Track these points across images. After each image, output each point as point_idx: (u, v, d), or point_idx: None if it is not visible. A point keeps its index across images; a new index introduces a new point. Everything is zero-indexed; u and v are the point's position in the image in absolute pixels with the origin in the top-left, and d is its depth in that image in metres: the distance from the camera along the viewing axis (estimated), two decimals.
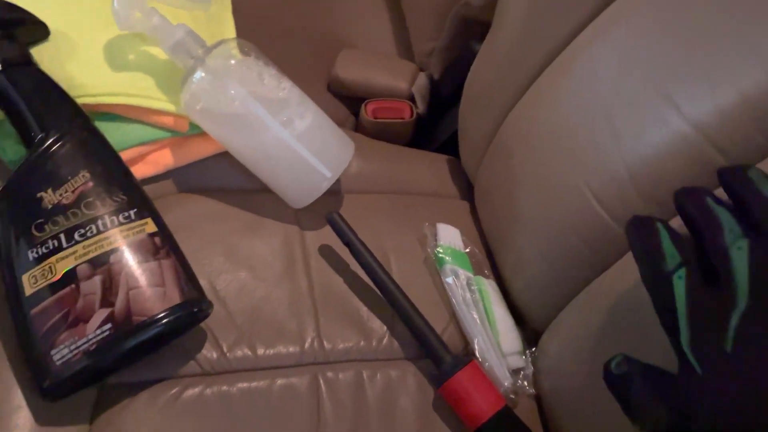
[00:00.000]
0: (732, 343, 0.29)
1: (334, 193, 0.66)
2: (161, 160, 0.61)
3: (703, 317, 0.30)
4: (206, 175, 0.63)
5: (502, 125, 0.60)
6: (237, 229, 0.61)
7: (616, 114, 0.47)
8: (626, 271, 0.46)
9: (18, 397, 0.46)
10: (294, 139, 0.58)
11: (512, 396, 0.55)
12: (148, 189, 0.60)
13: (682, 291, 0.31)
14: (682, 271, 0.31)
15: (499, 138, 0.61)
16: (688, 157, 0.43)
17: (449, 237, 0.63)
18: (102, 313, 0.46)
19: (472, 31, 0.70)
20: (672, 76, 0.44)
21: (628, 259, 0.45)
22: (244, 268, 0.58)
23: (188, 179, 0.63)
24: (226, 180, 0.64)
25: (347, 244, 0.57)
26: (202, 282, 0.55)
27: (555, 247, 0.53)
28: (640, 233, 0.33)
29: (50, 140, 0.50)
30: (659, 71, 0.45)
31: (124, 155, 0.58)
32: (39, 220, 0.47)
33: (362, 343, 0.56)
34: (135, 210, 0.50)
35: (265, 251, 0.60)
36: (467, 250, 0.63)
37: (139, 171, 0.59)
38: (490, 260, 0.64)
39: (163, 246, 0.50)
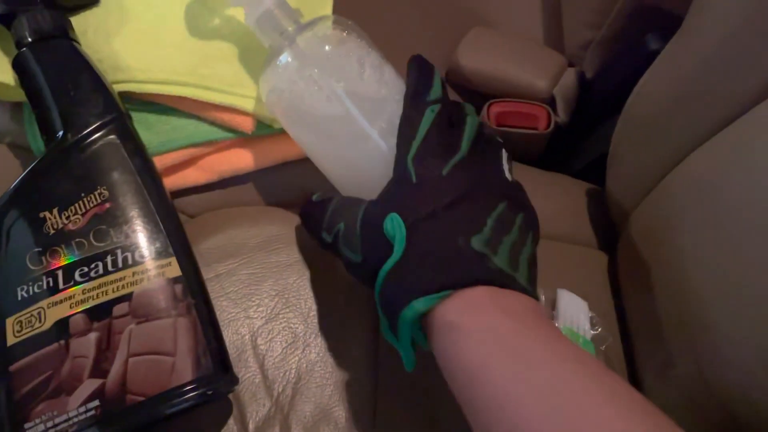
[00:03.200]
0: (448, 170, 0.34)
1: None
2: (217, 165, 0.49)
3: (434, 145, 0.35)
4: (270, 186, 0.51)
5: (685, 161, 0.41)
6: (299, 262, 0.48)
7: None
8: None
9: None
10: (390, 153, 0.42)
11: None
12: (195, 200, 0.50)
13: (429, 120, 0.36)
14: (436, 107, 0.36)
15: (678, 178, 0.42)
16: None
17: (571, 312, 0.46)
18: (90, 385, 0.35)
19: (649, 21, 0.50)
20: None
21: None
22: (298, 317, 0.46)
23: (247, 191, 0.51)
24: (292, 194, 0.51)
25: None
26: (242, 330, 0.44)
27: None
28: (420, 66, 0.39)
29: (69, 143, 0.40)
30: None
31: (171, 157, 0.47)
32: (36, 249, 0.38)
33: None
34: (157, 245, 0.39)
35: (327, 297, 0.47)
36: (595, 331, 0.46)
37: (189, 177, 0.48)
38: (628, 353, 0.46)
39: (185, 298, 0.39)
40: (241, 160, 0.49)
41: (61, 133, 0.40)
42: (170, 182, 0.48)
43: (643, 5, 0.49)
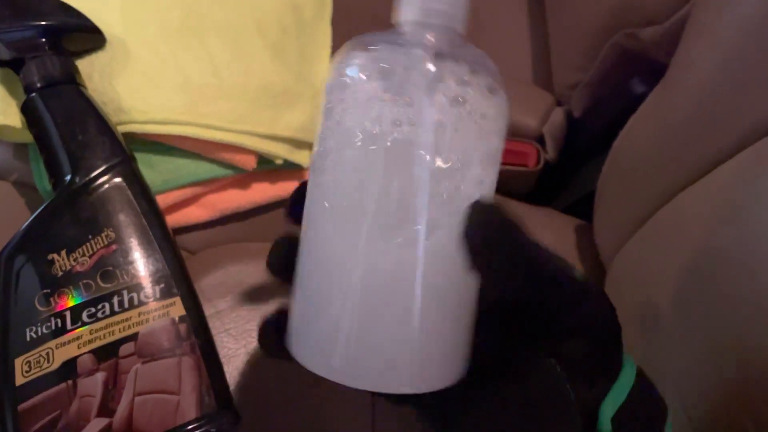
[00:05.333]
0: None
1: None
2: (218, 203, 0.50)
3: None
4: (270, 223, 0.53)
5: (671, 203, 0.43)
6: None
7: None
8: None
9: None
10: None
11: None
12: (197, 237, 0.51)
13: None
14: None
15: (662, 220, 0.44)
16: None
17: None
18: (98, 424, 0.36)
19: (634, 66, 0.52)
20: None
21: None
22: None
23: (248, 227, 0.52)
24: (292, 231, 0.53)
25: None
26: (241, 367, 0.45)
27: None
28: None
29: (77, 186, 0.41)
30: None
31: (174, 195, 0.49)
32: (45, 291, 0.39)
33: None
34: (162, 286, 0.40)
35: None
36: None
37: (191, 215, 0.50)
38: None
39: (188, 337, 0.40)
40: (241, 197, 0.51)
41: (69, 176, 0.41)
42: (173, 220, 0.49)
43: (627, 52, 0.51)
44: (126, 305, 0.39)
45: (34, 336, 0.38)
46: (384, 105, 0.23)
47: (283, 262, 0.28)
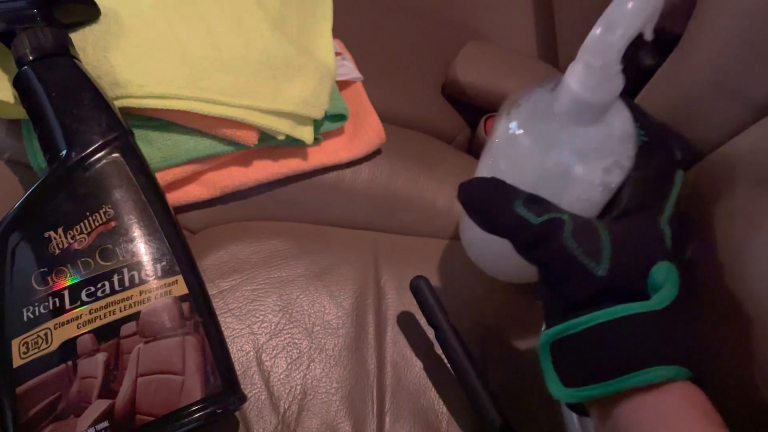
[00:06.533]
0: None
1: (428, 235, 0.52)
2: (219, 181, 0.49)
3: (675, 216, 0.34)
4: (271, 201, 0.51)
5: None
6: (302, 277, 0.48)
7: None
8: None
9: None
10: None
11: None
12: (198, 215, 0.49)
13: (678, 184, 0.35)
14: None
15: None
16: None
17: None
18: (99, 406, 0.35)
19: (642, 37, 0.51)
20: None
21: None
22: (302, 332, 0.46)
23: (249, 206, 0.51)
24: (294, 209, 0.51)
25: (434, 327, 0.43)
26: (246, 347, 0.44)
27: None
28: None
29: (73, 161, 0.40)
30: None
31: (173, 173, 0.47)
32: (42, 269, 0.37)
33: None
34: (163, 264, 0.39)
35: (332, 311, 0.47)
36: None
37: (191, 193, 0.48)
38: None
39: (192, 316, 0.38)
40: (242, 175, 0.49)
41: (64, 151, 0.40)
42: (172, 198, 0.48)
43: None
44: (126, 284, 0.38)
45: (32, 316, 0.37)
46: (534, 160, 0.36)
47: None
